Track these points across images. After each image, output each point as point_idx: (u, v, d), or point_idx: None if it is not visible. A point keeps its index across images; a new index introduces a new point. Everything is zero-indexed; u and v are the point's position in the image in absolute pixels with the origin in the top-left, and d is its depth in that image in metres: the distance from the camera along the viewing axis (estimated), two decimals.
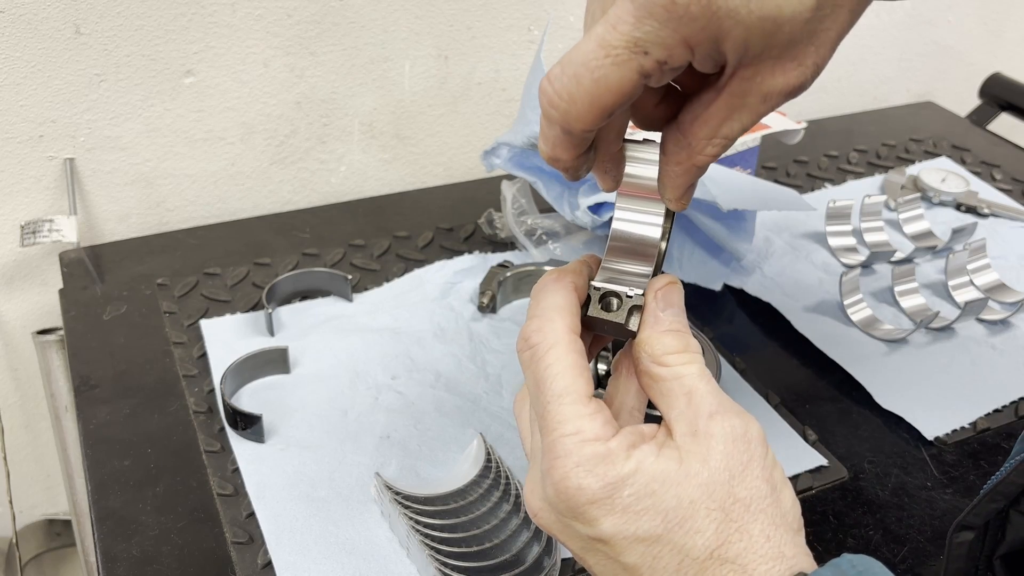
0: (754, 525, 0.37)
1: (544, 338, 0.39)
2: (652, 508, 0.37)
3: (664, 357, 0.40)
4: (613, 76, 0.37)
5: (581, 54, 0.37)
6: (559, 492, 0.37)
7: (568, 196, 0.79)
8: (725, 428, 0.38)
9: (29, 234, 0.81)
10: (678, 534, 0.37)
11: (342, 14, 0.88)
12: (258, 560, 0.55)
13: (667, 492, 0.37)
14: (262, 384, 0.68)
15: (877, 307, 0.78)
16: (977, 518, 0.51)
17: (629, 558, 0.37)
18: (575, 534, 0.38)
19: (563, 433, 0.37)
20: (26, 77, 0.79)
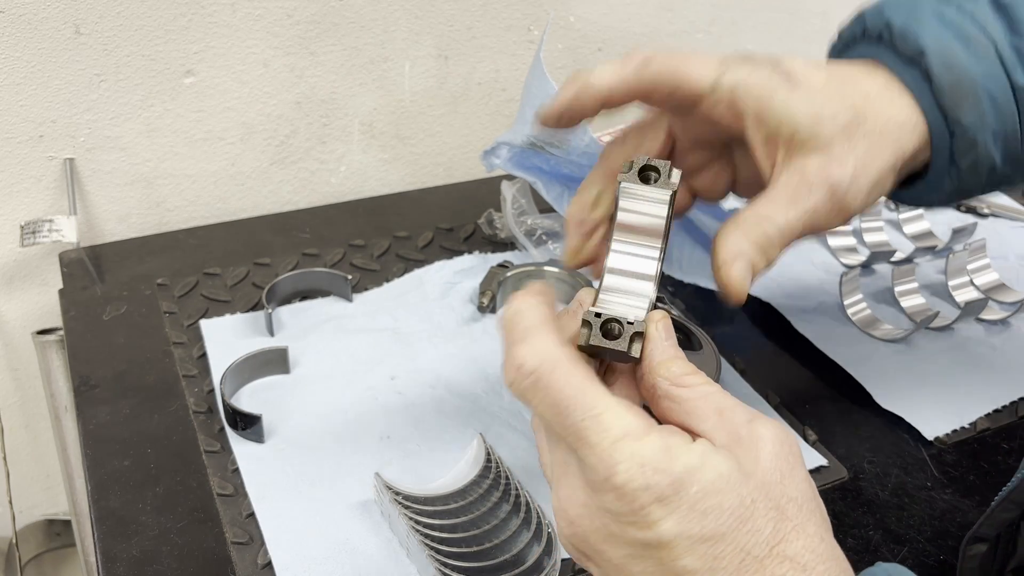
0: (809, 524, 0.37)
1: (543, 360, 0.38)
2: (718, 507, 0.36)
3: (684, 378, 0.40)
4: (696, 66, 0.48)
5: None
6: (624, 496, 0.36)
7: (568, 196, 0.79)
8: (769, 431, 0.38)
9: (29, 234, 0.81)
10: (740, 533, 0.36)
11: (342, 14, 0.88)
12: (258, 560, 0.55)
13: (731, 490, 0.36)
14: (262, 384, 0.68)
15: (877, 307, 0.78)
16: (990, 529, 0.50)
17: (688, 561, 0.36)
18: (625, 540, 0.37)
19: (615, 438, 0.36)
20: (26, 77, 0.79)
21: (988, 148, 0.49)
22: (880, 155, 0.48)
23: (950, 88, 0.48)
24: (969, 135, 0.49)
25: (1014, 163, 0.51)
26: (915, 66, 0.49)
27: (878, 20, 0.51)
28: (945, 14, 0.49)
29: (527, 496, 0.57)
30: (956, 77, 0.48)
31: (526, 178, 0.80)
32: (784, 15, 1.12)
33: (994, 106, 0.48)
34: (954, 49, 0.49)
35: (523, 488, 0.57)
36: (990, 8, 0.50)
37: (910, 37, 0.49)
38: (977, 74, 0.48)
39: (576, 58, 1.02)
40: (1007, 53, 0.49)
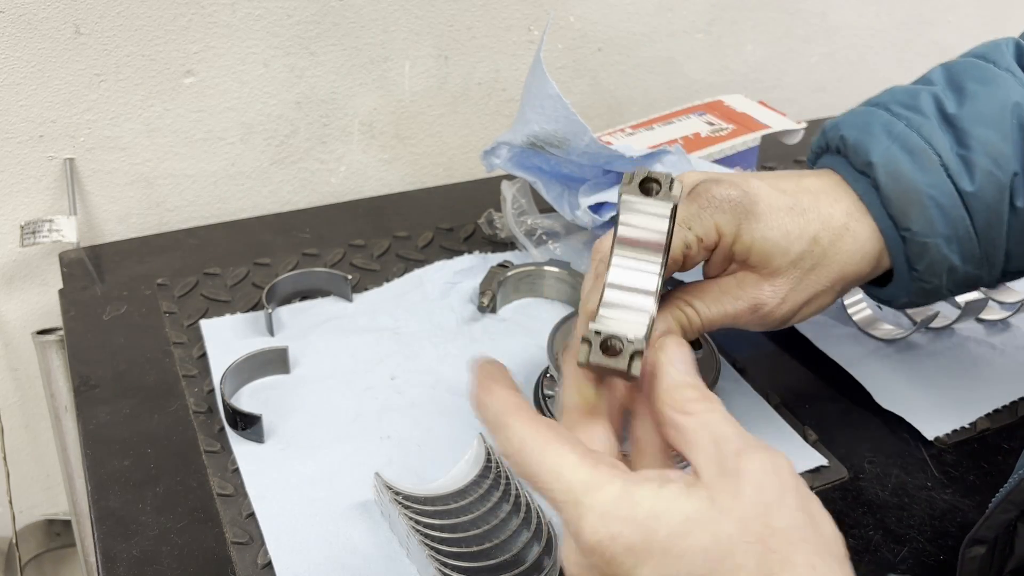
0: (797, 555, 0.36)
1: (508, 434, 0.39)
2: (691, 548, 0.35)
3: (687, 405, 0.40)
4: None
5: None
6: (594, 550, 0.36)
7: (568, 196, 0.79)
8: (755, 463, 0.37)
9: (29, 234, 0.81)
10: (722, 571, 0.35)
11: (342, 14, 0.88)
12: (258, 560, 0.55)
13: (703, 530, 0.36)
14: (262, 384, 0.68)
15: (877, 307, 0.78)
16: (989, 531, 0.50)
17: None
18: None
19: (577, 495, 0.37)
20: (26, 77, 0.79)
21: (942, 251, 0.53)
22: (818, 283, 0.53)
23: (896, 197, 0.52)
24: (919, 239, 0.53)
25: (978, 264, 0.54)
26: (866, 177, 0.53)
27: (835, 134, 0.56)
28: (894, 129, 0.53)
29: (527, 496, 0.57)
30: (902, 187, 0.52)
31: (526, 178, 0.80)
32: (784, 15, 1.12)
33: (941, 212, 0.52)
34: (900, 161, 0.52)
35: (523, 488, 0.57)
36: (937, 122, 0.53)
37: (861, 150, 0.53)
38: (922, 183, 0.52)
39: (576, 58, 1.02)
40: (952, 163, 0.52)
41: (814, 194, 0.54)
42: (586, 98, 1.05)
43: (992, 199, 0.52)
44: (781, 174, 0.55)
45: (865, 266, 0.54)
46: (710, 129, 0.89)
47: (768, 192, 0.53)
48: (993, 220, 0.53)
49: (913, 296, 0.56)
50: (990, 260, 0.54)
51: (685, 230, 0.51)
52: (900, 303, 0.57)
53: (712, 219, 0.52)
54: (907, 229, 0.53)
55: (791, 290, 0.53)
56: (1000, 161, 0.52)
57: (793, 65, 1.16)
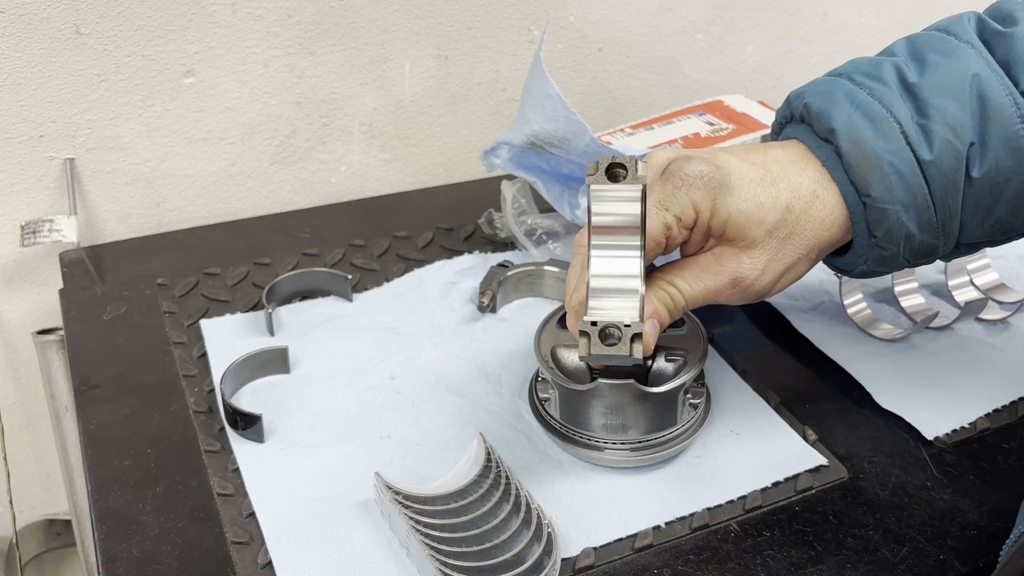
0: None
1: None
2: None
3: None
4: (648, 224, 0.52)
5: None
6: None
7: (568, 196, 0.79)
8: None
9: (29, 234, 0.81)
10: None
11: (342, 14, 0.88)
12: (258, 560, 0.55)
13: None
14: (262, 384, 0.68)
15: (877, 307, 0.78)
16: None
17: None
18: None
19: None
20: (26, 77, 0.79)
21: (900, 218, 0.54)
22: (794, 251, 0.55)
23: (858, 164, 0.53)
24: (879, 206, 0.54)
25: (935, 232, 0.55)
26: (829, 144, 0.55)
27: (799, 103, 0.57)
28: (856, 97, 0.54)
29: (527, 496, 0.57)
30: (864, 154, 0.53)
31: (526, 178, 0.80)
32: (784, 15, 1.12)
33: (901, 179, 0.53)
34: (862, 128, 0.53)
35: (523, 488, 0.57)
36: (899, 92, 0.54)
37: (824, 118, 0.55)
38: (883, 150, 0.53)
39: (576, 58, 1.02)
40: (912, 131, 0.53)
41: (782, 164, 0.56)
42: (586, 98, 1.05)
43: (949, 168, 0.53)
44: (749, 147, 0.57)
45: (836, 231, 0.56)
46: (710, 129, 0.89)
47: (739, 165, 0.55)
48: (949, 189, 0.54)
49: (871, 263, 0.57)
50: (946, 229, 0.55)
51: (663, 211, 0.53)
52: (858, 271, 0.58)
53: (688, 197, 0.54)
54: (867, 195, 0.54)
55: (769, 260, 0.55)
56: (958, 131, 0.53)
57: (793, 65, 1.16)
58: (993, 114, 0.53)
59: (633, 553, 0.56)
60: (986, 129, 0.53)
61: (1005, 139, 0.53)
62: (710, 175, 0.54)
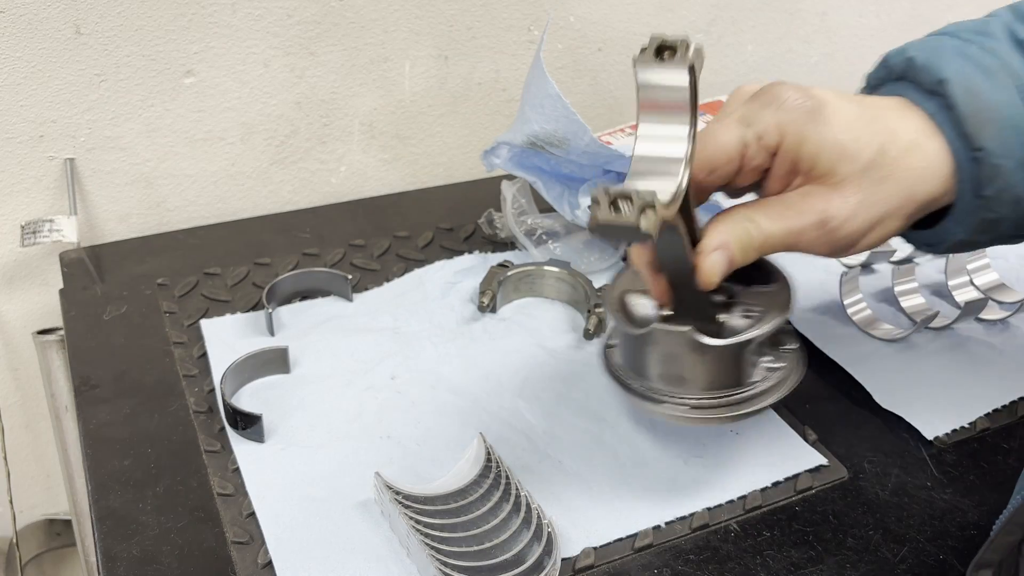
0: None
1: None
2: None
3: None
4: (722, 135, 0.50)
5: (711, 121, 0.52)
6: None
7: (568, 196, 0.79)
8: None
9: (29, 234, 0.81)
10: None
11: (342, 14, 0.88)
12: (258, 560, 0.55)
13: None
14: (262, 384, 0.68)
15: (877, 307, 0.78)
16: (994, 554, 0.50)
17: None
18: None
19: None
20: (26, 77, 0.79)
21: (1014, 177, 0.50)
22: (888, 200, 0.50)
23: (972, 114, 0.49)
24: (993, 160, 0.49)
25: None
26: (937, 96, 0.51)
27: (900, 58, 0.53)
28: (966, 51, 0.51)
29: (527, 496, 0.57)
30: (978, 104, 0.49)
31: (526, 178, 0.80)
32: (784, 15, 1.12)
33: (1017, 134, 0.49)
34: (976, 79, 0.50)
35: (523, 488, 0.57)
36: (1010, 45, 0.51)
37: (932, 69, 0.50)
38: (1000, 102, 0.49)
39: (576, 58, 1.02)
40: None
41: (882, 109, 0.51)
42: (586, 98, 1.05)
43: None
44: (843, 93, 0.53)
45: (936, 187, 0.51)
46: None
47: (835, 98, 0.50)
48: None
49: (972, 231, 0.52)
50: None
51: (744, 127, 0.50)
52: (953, 241, 0.54)
53: (774, 117, 0.49)
54: (980, 148, 0.49)
55: (861, 203, 0.49)
56: None
57: (793, 65, 1.16)
58: None
59: (633, 553, 0.56)
60: None
61: None
62: (802, 101, 0.49)
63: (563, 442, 0.63)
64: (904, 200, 0.50)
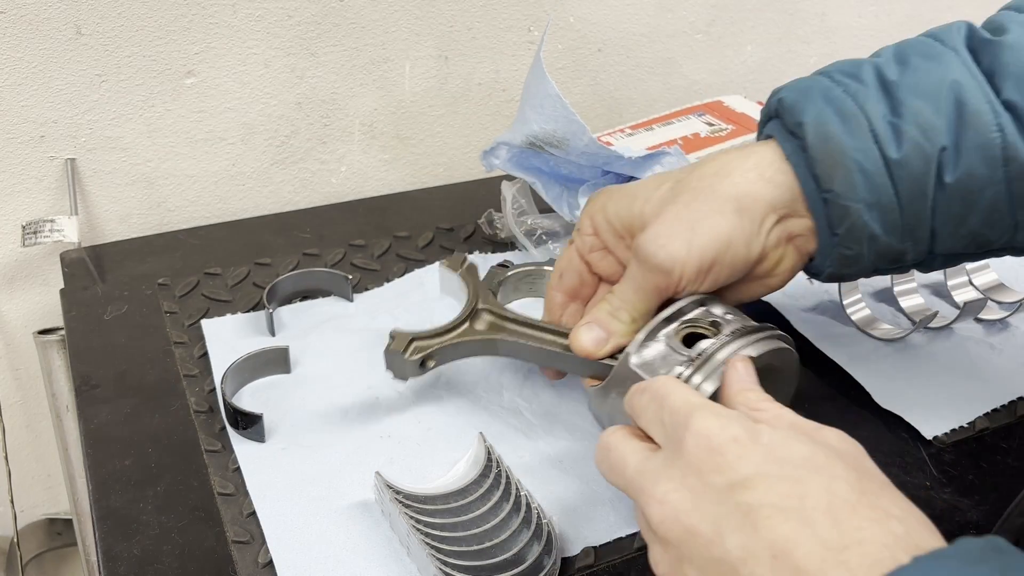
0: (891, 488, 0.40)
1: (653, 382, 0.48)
2: (792, 455, 0.39)
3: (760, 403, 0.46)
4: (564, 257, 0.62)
5: None
6: (698, 439, 0.40)
7: (568, 196, 0.79)
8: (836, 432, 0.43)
9: (30, 234, 0.81)
10: (821, 478, 0.38)
11: (342, 15, 0.88)
12: (259, 559, 0.55)
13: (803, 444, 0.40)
14: (263, 384, 0.68)
15: (876, 307, 0.78)
16: (1007, 535, 0.50)
17: (772, 498, 0.37)
18: (711, 494, 0.39)
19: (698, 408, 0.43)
20: (27, 78, 0.79)
21: (863, 217, 0.53)
22: (691, 207, 0.53)
23: (822, 158, 0.52)
24: (841, 202, 0.53)
25: (899, 235, 0.54)
26: (796, 138, 0.54)
27: (774, 98, 0.57)
28: (831, 93, 0.54)
29: (527, 495, 0.57)
30: (829, 148, 0.52)
31: (526, 178, 0.80)
32: (784, 15, 1.12)
33: (865, 177, 0.52)
34: (831, 123, 0.53)
35: (523, 487, 0.58)
36: (875, 90, 0.54)
37: (795, 111, 0.54)
38: (849, 147, 0.52)
39: (576, 58, 1.02)
40: (882, 130, 0.52)
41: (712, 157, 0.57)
42: (586, 98, 1.05)
43: (917, 170, 0.52)
44: None
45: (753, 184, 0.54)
46: (709, 130, 0.89)
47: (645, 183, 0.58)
48: (917, 192, 0.52)
49: (837, 265, 0.56)
50: (914, 234, 0.54)
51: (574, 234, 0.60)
52: (826, 274, 0.57)
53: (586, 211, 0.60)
54: (829, 191, 0.53)
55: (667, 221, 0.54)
56: (929, 133, 0.51)
57: (793, 65, 1.16)
58: (970, 120, 0.51)
59: (633, 552, 0.56)
60: (961, 134, 0.51)
61: (980, 146, 0.51)
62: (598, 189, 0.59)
63: (563, 442, 0.64)
64: (707, 199, 0.53)
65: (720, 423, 0.41)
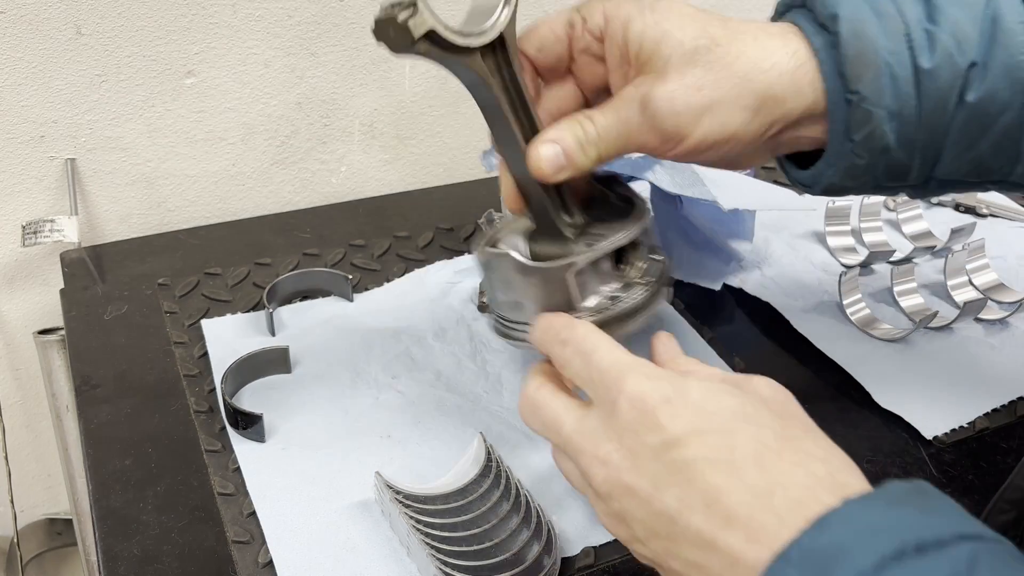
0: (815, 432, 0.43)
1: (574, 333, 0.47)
2: (720, 407, 0.41)
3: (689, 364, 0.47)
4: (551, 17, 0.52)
5: None
6: (632, 402, 0.41)
7: None
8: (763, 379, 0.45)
9: (30, 234, 0.81)
10: (749, 427, 0.40)
11: (342, 15, 0.88)
12: (259, 559, 0.55)
13: (730, 396, 0.42)
14: (263, 383, 0.68)
15: (876, 307, 0.78)
16: None
17: (705, 452, 0.39)
18: (646, 454, 0.41)
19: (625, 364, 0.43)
20: (27, 78, 0.79)
21: (882, 125, 0.50)
22: (717, 84, 0.49)
23: (854, 57, 0.49)
24: (864, 107, 0.50)
25: (910, 150, 0.52)
26: (827, 32, 0.50)
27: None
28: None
29: (527, 495, 0.57)
30: (862, 47, 0.49)
31: None
32: None
33: (893, 84, 0.50)
34: (867, 20, 0.50)
35: (523, 487, 0.58)
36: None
37: (830, 2, 0.50)
38: (883, 49, 0.49)
39: None
40: (917, 35, 0.50)
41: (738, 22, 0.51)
42: None
43: (944, 83, 0.50)
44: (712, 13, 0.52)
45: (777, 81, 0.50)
46: None
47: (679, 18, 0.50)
48: (939, 107, 0.50)
49: (842, 175, 0.53)
50: (924, 152, 0.52)
51: (573, 12, 0.51)
52: (826, 184, 0.54)
53: (603, 4, 0.51)
54: (855, 92, 0.50)
55: (682, 86, 0.49)
56: (963, 45, 0.50)
57: None
58: (1002, 37, 0.49)
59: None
60: (991, 52, 0.50)
61: (1008, 66, 0.50)
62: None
63: None
64: (736, 86, 0.49)
65: (652, 384, 0.42)
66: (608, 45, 0.51)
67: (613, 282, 0.52)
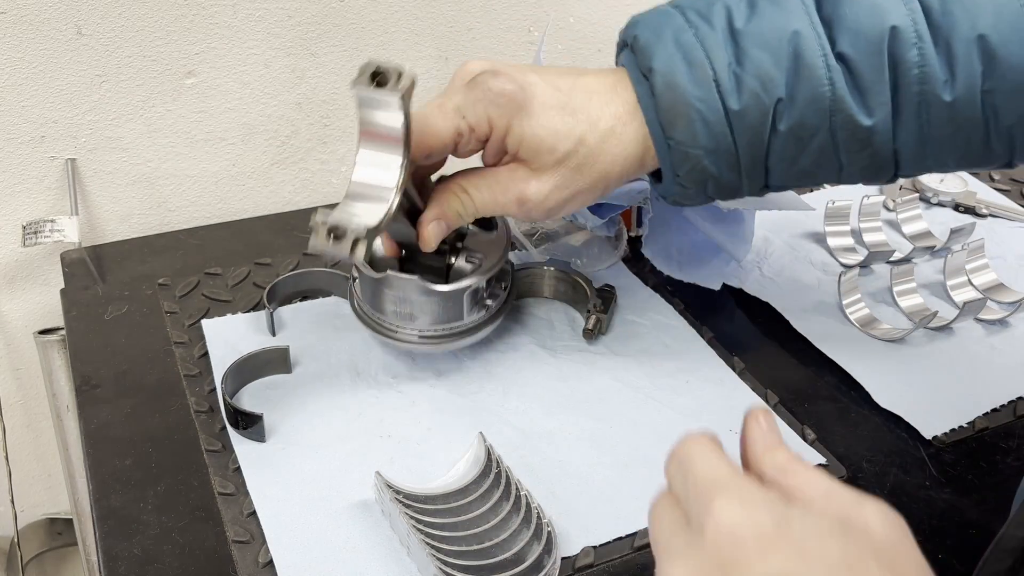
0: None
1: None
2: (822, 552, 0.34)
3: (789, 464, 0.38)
4: (439, 125, 0.57)
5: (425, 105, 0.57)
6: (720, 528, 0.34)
7: None
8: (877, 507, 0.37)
9: (31, 234, 0.81)
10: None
11: (343, 15, 0.88)
12: (259, 559, 0.55)
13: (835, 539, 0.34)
14: (263, 383, 0.68)
15: (876, 307, 0.78)
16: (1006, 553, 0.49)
17: None
18: None
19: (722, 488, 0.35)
20: (28, 78, 0.79)
21: (702, 162, 0.56)
22: (582, 182, 0.57)
23: (668, 107, 0.55)
24: (681, 150, 0.56)
25: (735, 174, 0.57)
26: (647, 81, 0.55)
27: (630, 32, 0.58)
28: (682, 38, 0.55)
29: (527, 495, 0.57)
30: (675, 97, 0.54)
31: None
32: None
33: (706, 127, 0.54)
34: (677, 71, 0.54)
35: (523, 487, 0.58)
36: (723, 36, 0.55)
37: (646, 54, 0.55)
38: (693, 97, 0.54)
39: (576, 59, 1.02)
40: (725, 80, 0.54)
41: (588, 94, 0.57)
42: None
43: (755, 120, 0.54)
44: (563, 70, 0.59)
45: (629, 168, 0.58)
46: None
47: (543, 89, 0.56)
48: (754, 139, 0.55)
49: (680, 196, 0.59)
50: (750, 174, 0.57)
51: (459, 118, 0.57)
52: (671, 201, 0.60)
53: (485, 111, 0.56)
54: (671, 138, 0.55)
55: (555, 187, 0.57)
56: (768, 85, 0.54)
57: None
58: (805, 72, 0.53)
59: (633, 552, 0.56)
60: (795, 86, 0.54)
61: (812, 98, 0.54)
62: (512, 95, 0.56)
63: (563, 442, 0.64)
64: (597, 181, 0.58)
65: (745, 512, 0.34)
66: (490, 143, 0.58)
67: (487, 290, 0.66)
